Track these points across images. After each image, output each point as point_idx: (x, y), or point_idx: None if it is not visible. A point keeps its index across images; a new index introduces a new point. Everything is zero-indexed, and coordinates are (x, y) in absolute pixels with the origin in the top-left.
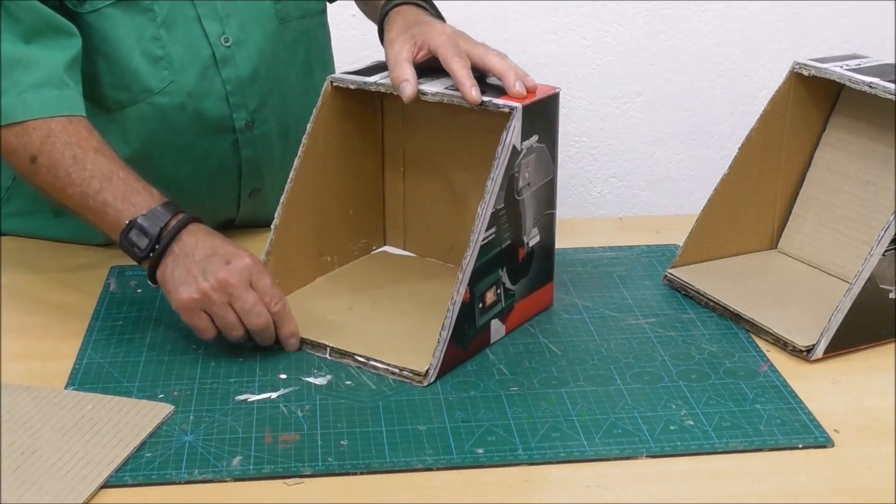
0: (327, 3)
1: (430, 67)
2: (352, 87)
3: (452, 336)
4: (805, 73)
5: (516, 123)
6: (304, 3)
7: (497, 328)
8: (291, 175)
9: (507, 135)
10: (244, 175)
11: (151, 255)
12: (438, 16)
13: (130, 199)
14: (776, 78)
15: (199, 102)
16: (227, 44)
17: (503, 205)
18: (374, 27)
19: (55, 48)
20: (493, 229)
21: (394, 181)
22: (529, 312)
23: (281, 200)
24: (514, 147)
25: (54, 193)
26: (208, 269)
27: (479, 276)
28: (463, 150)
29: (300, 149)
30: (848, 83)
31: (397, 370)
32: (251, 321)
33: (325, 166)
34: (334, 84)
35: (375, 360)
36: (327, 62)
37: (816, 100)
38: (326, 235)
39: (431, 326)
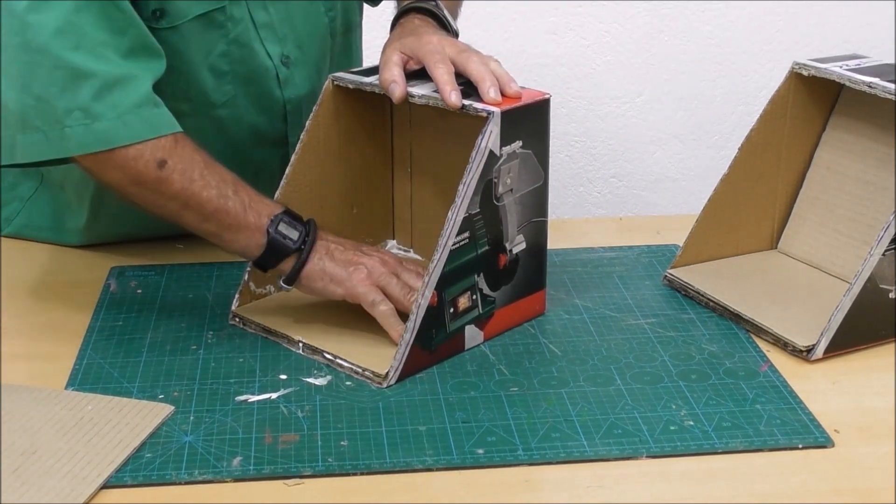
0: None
1: (423, 73)
2: (350, 86)
3: (417, 339)
4: (805, 73)
5: (493, 128)
6: (349, 17)
7: (473, 334)
8: (288, 171)
9: (482, 139)
10: None
11: (303, 247)
12: (445, 26)
13: (263, 200)
14: (776, 78)
15: (258, 118)
16: (287, 64)
17: (478, 210)
18: (372, 28)
19: (148, 68)
20: (467, 234)
21: (402, 182)
22: (515, 320)
23: (276, 196)
24: (491, 152)
25: (185, 198)
26: (365, 252)
27: (450, 280)
28: (466, 153)
29: (298, 145)
30: (848, 83)
31: (360, 370)
32: (416, 284)
33: (324, 163)
34: (335, 83)
35: (341, 359)
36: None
37: (816, 100)
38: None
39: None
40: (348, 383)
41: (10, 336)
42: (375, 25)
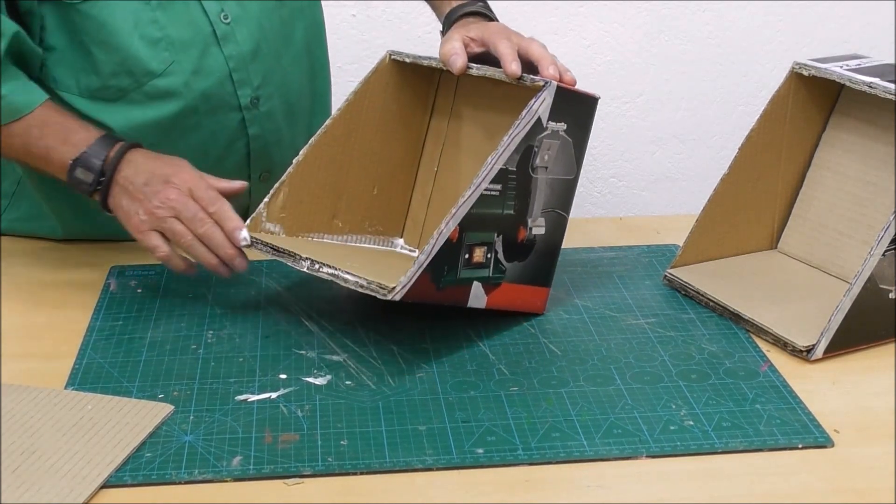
0: None
1: (482, 58)
2: (407, 59)
3: (430, 266)
4: (805, 73)
5: (546, 96)
6: None
7: (478, 294)
8: (328, 122)
9: (535, 101)
10: (253, 156)
11: (99, 188)
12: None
13: (70, 139)
14: (776, 78)
15: (202, 81)
16: (227, 21)
17: (515, 169)
18: (372, 28)
19: None
20: (499, 187)
21: (424, 181)
22: (516, 302)
23: (310, 141)
24: (539, 119)
25: (3, 151)
26: (149, 192)
27: (474, 224)
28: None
29: (343, 102)
30: (848, 83)
31: (365, 282)
32: (196, 229)
33: (362, 129)
34: (392, 57)
35: (347, 273)
36: (322, 41)
37: (816, 100)
38: (344, 202)
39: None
40: (348, 382)
41: (10, 336)
42: (376, 25)
